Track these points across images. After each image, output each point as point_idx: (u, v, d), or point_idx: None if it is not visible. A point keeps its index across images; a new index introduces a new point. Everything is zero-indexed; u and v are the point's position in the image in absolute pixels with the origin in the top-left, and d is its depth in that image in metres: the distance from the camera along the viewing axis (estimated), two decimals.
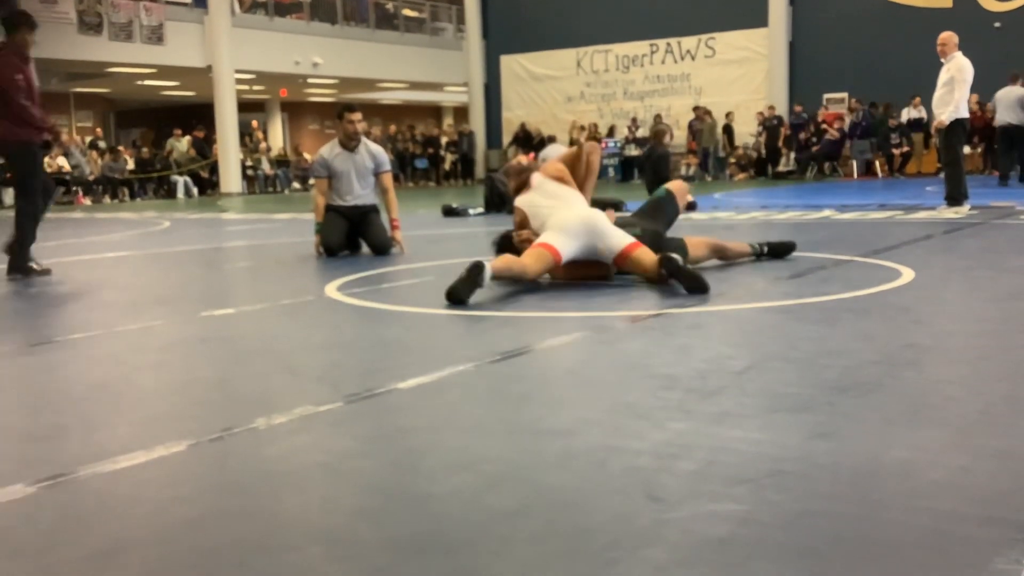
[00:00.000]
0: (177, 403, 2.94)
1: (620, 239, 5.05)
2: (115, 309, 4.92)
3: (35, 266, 6.55)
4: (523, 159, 6.61)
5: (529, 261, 4.92)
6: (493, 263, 4.71)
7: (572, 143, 21.57)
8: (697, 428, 2.39)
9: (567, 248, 5.03)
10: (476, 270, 4.54)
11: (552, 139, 18.81)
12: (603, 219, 5.19)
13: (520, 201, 5.44)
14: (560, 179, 5.40)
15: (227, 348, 3.83)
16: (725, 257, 5.71)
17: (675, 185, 6.10)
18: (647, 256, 4.92)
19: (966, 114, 9.89)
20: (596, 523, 1.82)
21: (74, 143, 21.67)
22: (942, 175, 10.80)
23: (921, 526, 1.75)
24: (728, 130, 21.95)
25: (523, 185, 5.54)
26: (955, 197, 9.75)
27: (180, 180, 22.09)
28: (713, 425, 2.41)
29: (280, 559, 1.72)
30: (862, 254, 6.00)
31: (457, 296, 4.50)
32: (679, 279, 4.68)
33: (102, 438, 2.52)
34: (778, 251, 5.88)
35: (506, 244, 5.44)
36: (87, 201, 20.72)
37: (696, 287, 4.58)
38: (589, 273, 5.19)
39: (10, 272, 6.48)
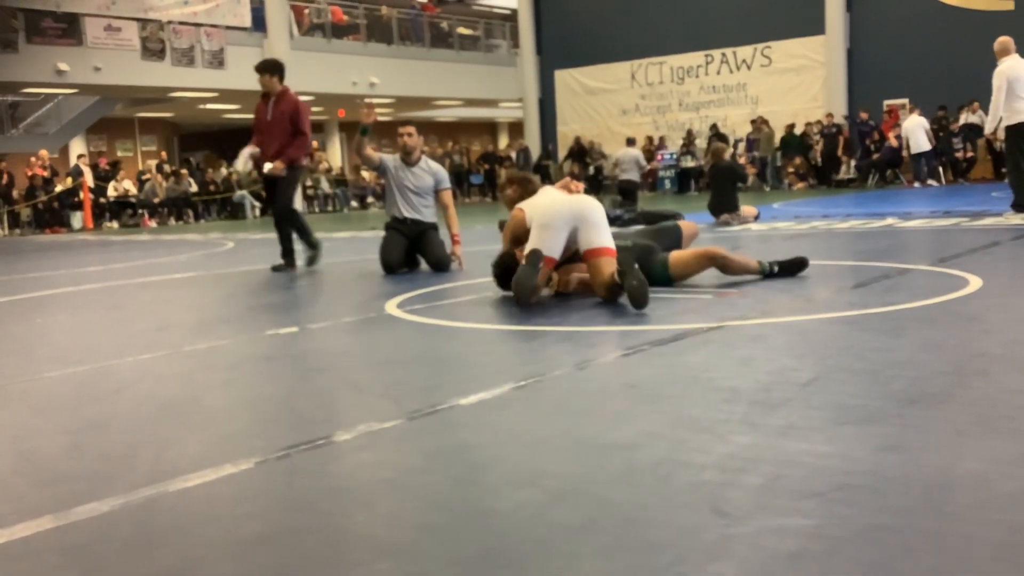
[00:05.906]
0: (245, 421, 3.00)
1: (601, 238, 4.96)
2: (183, 328, 5.02)
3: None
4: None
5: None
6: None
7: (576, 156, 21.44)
8: (762, 441, 2.36)
9: (553, 244, 4.94)
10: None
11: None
12: (599, 211, 5.08)
13: (523, 204, 5.31)
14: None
15: (292, 366, 3.89)
16: (727, 269, 5.47)
17: (688, 226, 5.98)
18: (608, 267, 4.82)
19: (1022, 118, 9.61)
20: (662, 538, 1.81)
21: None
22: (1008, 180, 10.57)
23: (996, 539, 1.72)
24: (794, 141, 21.62)
25: (527, 195, 5.51)
26: (1022, 203, 9.52)
27: (247, 200, 22.45)
28: (779, 438, 2.38)
29: (348, 575, 1.74)
30: (927, 262, 5.89)
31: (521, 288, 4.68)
32: (623, 288, 4.57)
33: (173, 456, 2.57)
34: (790, 268, 5.49)
35: (508, 266, 5.28)
36: (153, 223, 21.18)
37: (638, 301, 4.46)
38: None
39: None
